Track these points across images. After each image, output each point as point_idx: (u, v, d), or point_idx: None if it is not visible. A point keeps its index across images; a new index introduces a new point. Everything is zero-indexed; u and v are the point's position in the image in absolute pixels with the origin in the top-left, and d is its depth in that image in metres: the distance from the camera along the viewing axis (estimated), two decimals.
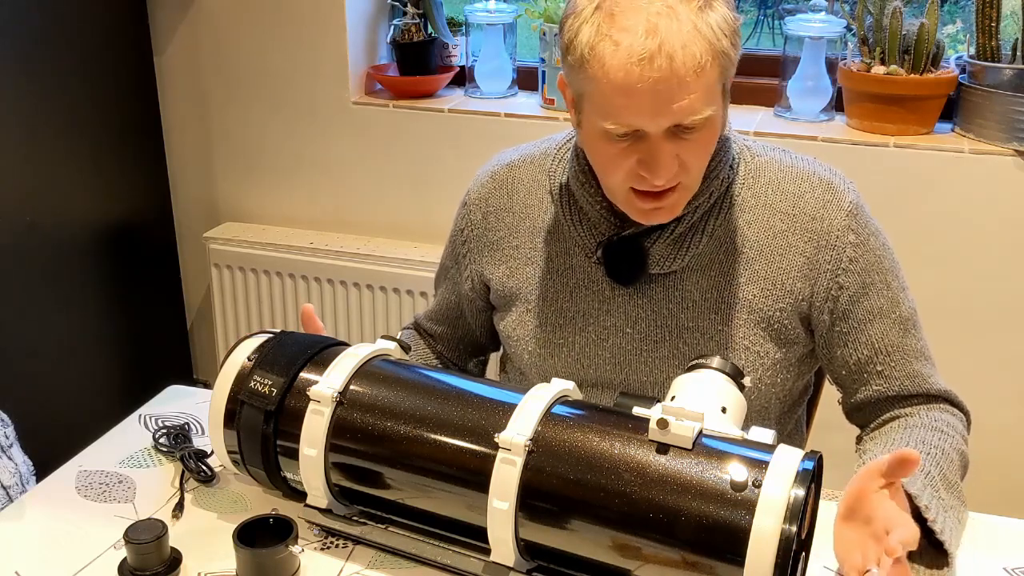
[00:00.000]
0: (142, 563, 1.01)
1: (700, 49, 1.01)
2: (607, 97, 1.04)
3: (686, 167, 1.10)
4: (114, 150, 2.40)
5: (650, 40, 1.00)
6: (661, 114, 1.03)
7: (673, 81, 1.01)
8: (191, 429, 1.29)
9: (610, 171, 1.12)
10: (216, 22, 2.43)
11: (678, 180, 1.11)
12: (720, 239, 1.19)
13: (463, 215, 1.34)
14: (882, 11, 1.99)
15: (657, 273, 1.20)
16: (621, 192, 1.13)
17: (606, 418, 0.97)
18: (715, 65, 1.03)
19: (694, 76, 1.01)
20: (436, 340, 1.43)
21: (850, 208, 1.19)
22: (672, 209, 1.15)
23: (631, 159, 1.08)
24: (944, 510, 1.04)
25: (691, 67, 1.01)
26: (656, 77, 1.00)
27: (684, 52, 1.00)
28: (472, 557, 1.00)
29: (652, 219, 1.15)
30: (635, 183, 1.11)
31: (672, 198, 1.13)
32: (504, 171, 1.32)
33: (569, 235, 1.24)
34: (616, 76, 1.02)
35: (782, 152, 1.24)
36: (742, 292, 1.19)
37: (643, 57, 1.00)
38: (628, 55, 1.01)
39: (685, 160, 1.09)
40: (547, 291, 1.26)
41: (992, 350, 2.04)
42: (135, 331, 2.53)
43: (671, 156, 1.07)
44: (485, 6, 2.34)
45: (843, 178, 1.22)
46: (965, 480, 1.14)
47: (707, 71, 1.02)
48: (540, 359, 1.28)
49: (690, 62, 1.00)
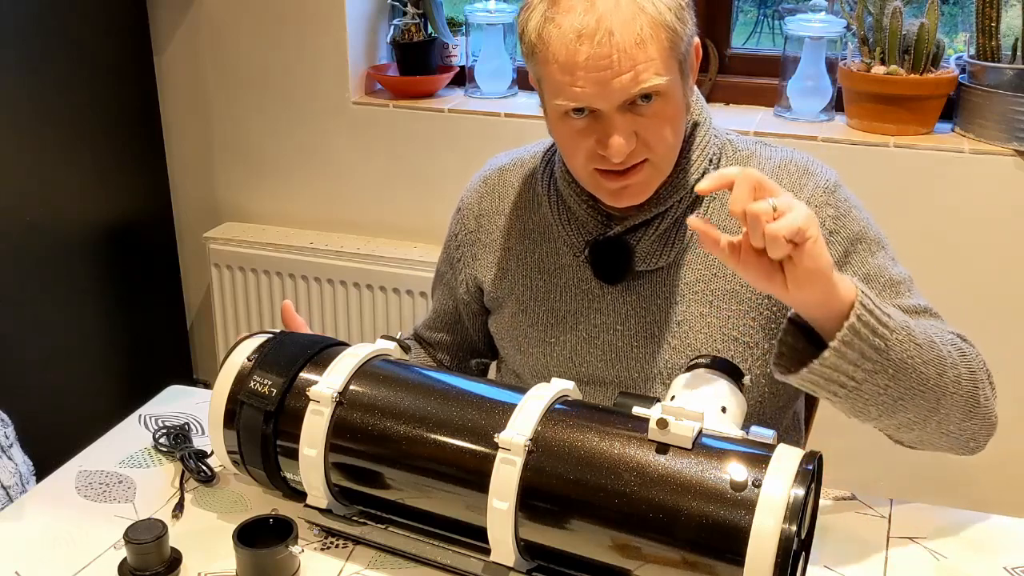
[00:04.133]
0: (142, 563, 1.01)
1: (641, 22, 1.04)
2: (556, 76, 1.08)
3: (647, 143, 1.11)
4: (114, 150, 2.40)
5: (589, 16, 1.04)
6: (607, 88, 1.06)
7: (614, 55, 1.04)
8: (191, 429, 1.29)
9: (573, 152, 1.14)
10: (216, 22, 2.43)
11: (643, 157, 1.12)
12: None
13: (457, 220, 1.36)
14: (882, 11, 1.99)
15: (644, 270, 1.21)
16: (586, 174, 1.15)
17: (606, 418, 0.97)
18: (658, 38, 1.06)
19: (636, 48, 1.04)
20: (436, 348, 1.44)
21: (827, 186, 1.20)
22: (640, 189, 1.15)
23: (590, 139, 1.11)
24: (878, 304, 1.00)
25: (630, 39, 1.04)
26: (598, 53, 1.04)
27: (623, 26, 1.04)
28: (472, 557, 1.00)
29: (621, 199, 1.16)
30: (597, 163, 1.13)
31: (638, 176, 1.14)
32: (496, 175, 1.34)
33: (558, 235, 1.25)
34: (560, 55, 1.06)
35: (762, 145, 1.26)
36: (729, 283, 1.20)
37: (583, 33, 1.04)
38: (569, 33, 1.05)
39: (645, 136, 1.10)
40: (538, 291, 1.27)
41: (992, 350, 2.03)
42: (135, 331, 2.53)
43: (627, 132, 1.09)
44: (485, 6, 2.34)
45: (820, 164, 1.23)
46: (950, 403, 1.06)
47: (648, 43, 1.05)
48: (533, 359, 1.29)
49: (629, 35, 1.04)
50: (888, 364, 0.99)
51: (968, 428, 1.10)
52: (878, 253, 1.19)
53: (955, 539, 1.10)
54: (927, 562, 1.06)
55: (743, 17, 3.95)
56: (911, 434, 1.09)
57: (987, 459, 2.11)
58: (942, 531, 1.11)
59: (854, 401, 1.02)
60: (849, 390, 1.00)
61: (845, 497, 1.17)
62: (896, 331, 1.00)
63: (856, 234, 1.19)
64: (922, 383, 1.02)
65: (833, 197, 1.20)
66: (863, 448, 2.13)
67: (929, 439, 1.10)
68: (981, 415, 1.10)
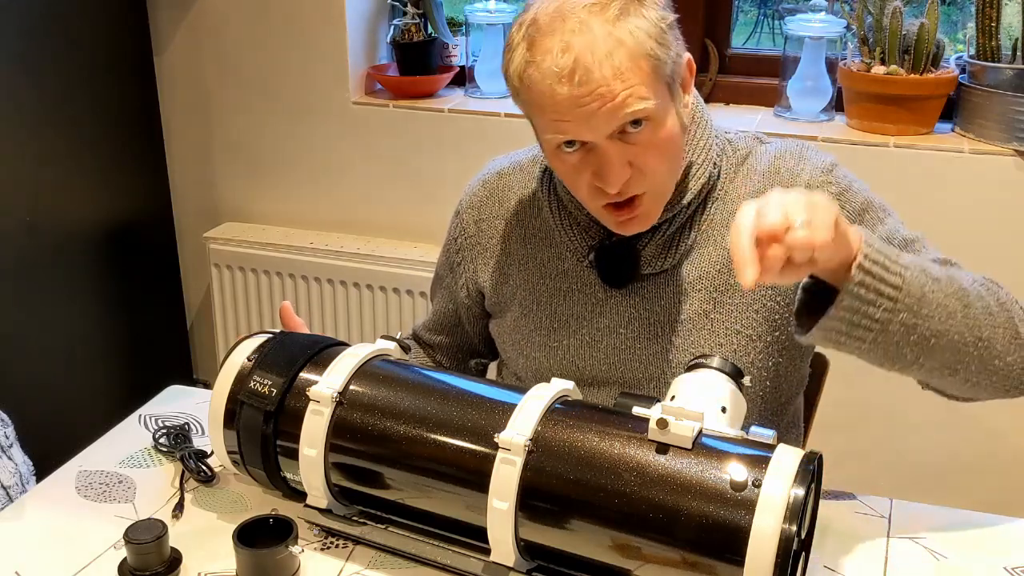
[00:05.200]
0: (142, 563, 1.01)
1: (619, 56, 1.04)
2: (542, 116, 1.10)
3: (642, 172, 1.11)
4: (114, 150, 2.40)
5: (566, 57, 1.05)
6: (592, 120, 1.06)
7: (596, 91, 1.05)
8: (191, 429, 1.29)
9: (574, 186, 1.15)
10: (216, 22, 2.43)
11: (642, 189, 1.12)
12: (707, 231, 1.21)
13: (456, 224, 1.36)
14: (882, 11, 1.99)
15: (649, 273, 1.21)
16: (594, 208, 1.16)
17: (606, 418, 0.97)
18: (638, 67, 1.05)
19: (615, 80, 1.05)
20: (435, 350, 1.44)
21: (823, 167, 1.21)
22: (646, 218, 1.16)
23: (587, 172, 1.11)
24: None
25: (609, 74, 1.04)
26: (578, 92, 1.05)
27: (601, 63, 1.04)
28: (472, 557, 1.00)
29: (629, 230, 1.17)
30: (599, 197, 1.13)
31: (642, 207, 1.14)
32: (495, 179, 1.34)
33: (560, 240, 1.25)
34: (542, 97, 1.07)
35: (759, 141, 1.26)
36: (731, 277, 1.20)
37: (561, 75, 1.05)
38: (548, 75, 1.06)
39: (639, 165, 1.10)
40: (540, 295, 1.27)
41: None
42: (135, 331, 2.53)
43: (620, 163, 1.09)
44: (485, 6, 2.34)
45: (816, 149, 1.24)
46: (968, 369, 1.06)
47: (628, 75, 1.05)
48: (535, 362, 1.28)
49: (608, 71, 1.04)
50: (910, 300, 0.99)
51: (1016, 363, 1.08)
52: (887, 219, 1.20)
53: (955, 539, 1.10)
54: (927, 562, 1.06)
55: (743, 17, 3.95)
56: (957, 379, 1.07)
57: (987, 459, 2.12)
58: (942, 531, 1.11)
59: (885, 347, 1.01)
60: (876, 333, 0.99)
61: (845, 497, 1.17)
62: (909, 267, 1.00)
63: (861, 205, 1.20)
64: (950, 315, 1.02)
65: (832, 175, 1.20)
66: (863, 448, 2.14)
67: (978, 381, 1.08)
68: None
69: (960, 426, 2.09)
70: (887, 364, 1.04)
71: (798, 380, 1.31)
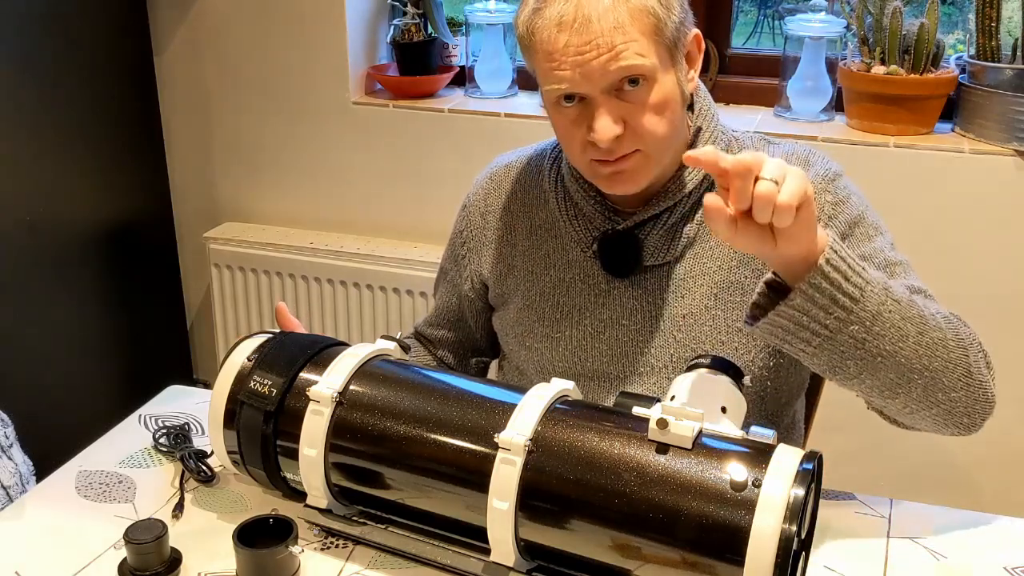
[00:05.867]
0: (142, 563, 1.01)
1: (621, 9, 1.08)
2: (542, 64, 1.12)
3: (636, 131, 1.12)
4: (114, 150, 2.40)
5: (569, 5, 1.08)
6: (587, 70, 1.09)
7: (594, 40, 1.07)
8: (191, 429, 1.29)
9: (569, 142, 1.17)
10: (216, 22, 2.43)
11: (633, 147, 1.13)
12: None
13: (462, 217, 1.37)
14: (882, 11, 1.99)
15: (651, 264, 1.22)
16: (583, 163, 1.17)
17: (606, 418, 0.97)
18: (639, 21, 1.08)
19: (615, 31, 1.07)
20: (437, 345, 1.44)
21: (826, 175, 1.21)
22: (633, 176, 1.16)
23: (582, 127, 1.13)
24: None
25: (609, 24, 1.07)
26: (577, 40, 1.08)
27: (603, 13, 1.07)
28: (472, 557, 1.00)
29: (615, 186, 1.17)
30: (591, 153, 1.14)
31: (630, 163, 1.14)
32: (502, 172, 1.35)
33: (565, 231, 1.26)
34: (543, 43, 1.10)
35: (766, 142, 1.27)
36: (733, 275, 1.21)
37: (562, 20, 1.08)
38: (551, 21, 1.09)
39: (633, 123, 1.12)
40: (544, 287, 1.28)
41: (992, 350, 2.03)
42: (135, 331, 2.53)
43: (613, 116, 1.11)
44: (485, 6, 2.34)
45: (824, 156, 1.24)
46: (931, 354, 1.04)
47: (628, 27, 1.08)
48: (538, 354, 1.29)
49: (608, 21, 1.07)
50: (864, 314, 0.99)
51: (960, 400, 1.08)
52: (876, 238, 1.20)
53: (955, 539, 1.10)
54: (927, 562, 1.06)
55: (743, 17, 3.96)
56: (897, 402, 1.06)
57: (987, 459, 2.12)
58: (942, 531, 1.11)
59: (830, 355, 1.01)
60: (824, 339, 0.99)
61: (845, 497, 1.17)
62: (872, 283, 1.00)
63: (854, 218, 1.20)
64: (902, 338, 1.01)
65: (832, 184, 1.21)
66: (863, 448, 2.13)
67: (918, 410, 1.07)
68: (975, 388, 1.08)
69: None
70: (829, 373, 1.04)
71: (799, 382, 1.31)
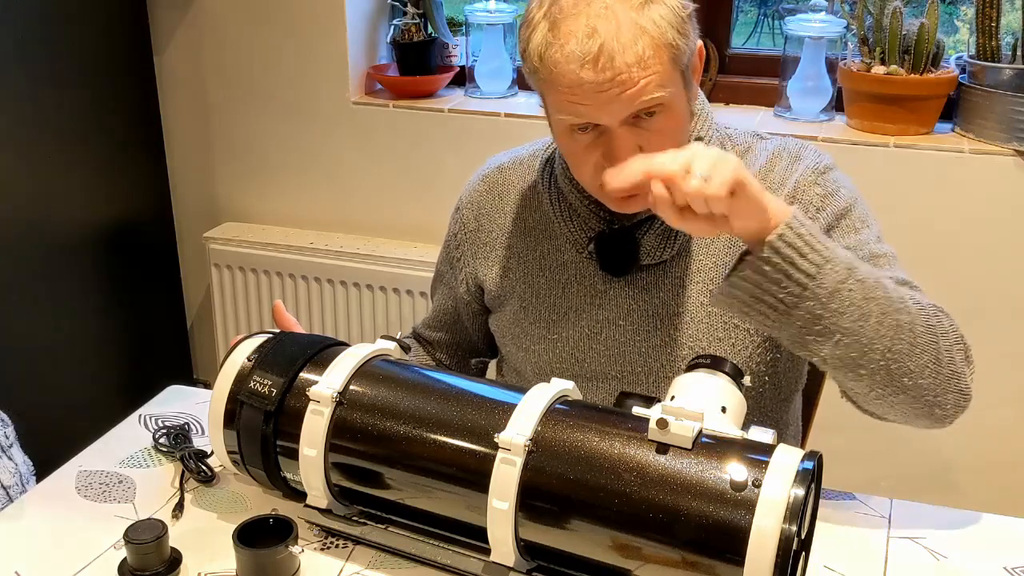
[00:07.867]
0: (142, 563, 1.01)
1: (642, 44, 1.06)
2: (560, 96, 1.10)
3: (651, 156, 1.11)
4: (114, 150, 2.40)
5: (591, 42, 1.05)
6: (610, 106, 1.08)
7: (618, 78, 1.06)
8: (191, 429, 1.29)
9: (579, 166, 1.16)
10: (216, 22, 2.43)
11: None
12: None
13: (456, 219, 1.37)
14: (882, 11, 1.99)
15: (647, 263, 1.22)
16: (594, 186, 1.16)
17: (606, 418, 0.97)
18: (660, 56, 1.07)
19: (639, 69, 1.06)
20: (435, 347, 1.44)
21: (816, 168, 1.22)
22: (644, 198, 1.15)
23: (596, 153, 1.12)
24: None
25: (633, 62, 1.06)
26: (600, 78, 1.06)
27: (625, 50, 1.05)
28: (472, 557, 1.00)
29: (626, 207, 1.17)
30: None
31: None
32: (495, 173, 1.35)
33: (559, 231, 1.26)
34: (563, 80, 1.08)
35: (758, 138, 1.27)
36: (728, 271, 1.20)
37: (585, 59, 1.06)
38: (572, 59, 1.06)
39: (649, 149, 1.11)
40: (540, 288, 1.28)
41: (992, 350, 2.03)
42: (135, 331, 2.53)
43: (631, 147, 1.10)
44: (485, 6, 2.34)
45: (815, 149, 1.25)
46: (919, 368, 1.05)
47: (651, 63, 1.06)
48: (535, 356, 1.29)
49: (631, 58, 1.05)
50: (820, 291, 1.00)
51: (928, 387, 1.06)
52: (863, 230, 1.20)
53: (955, 539, 1.10)
54: (927, 562, 1.06)
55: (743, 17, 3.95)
56: (862, 383, 1.06)
57: (987, 459, 2.12)
58: (942, 531, 1.11)
59: (789, 329, 1.02)
60: (780, 313, 1.01)
61: (845, 497, 1.17)
62: (832, 261, 1.01)
63: (841, 210, 1.20)
64: (862, 317, 1.02)
65: (822, 178, 1.21)
66: (863, 448, 2.13)
67: (885, 396, 1.06)
68: (944, 377, 1.07)
69: (960, 426, 2.08)
70: (796, 347, 1.06)
71: (796, 377, 1.31)
